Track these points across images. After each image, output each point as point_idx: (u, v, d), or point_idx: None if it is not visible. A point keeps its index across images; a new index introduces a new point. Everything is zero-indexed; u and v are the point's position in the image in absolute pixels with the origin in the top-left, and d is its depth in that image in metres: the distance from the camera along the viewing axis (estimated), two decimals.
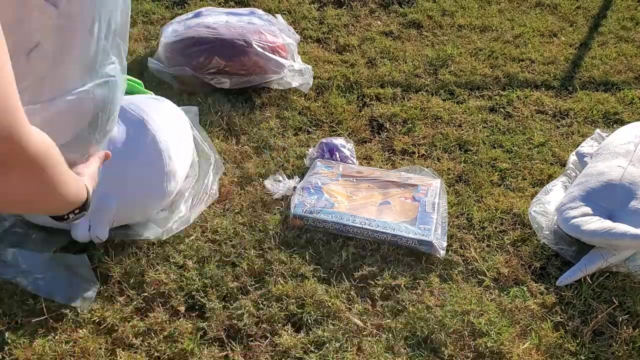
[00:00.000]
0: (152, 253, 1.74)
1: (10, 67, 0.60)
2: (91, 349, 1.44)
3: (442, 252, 1.74)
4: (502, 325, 1.54)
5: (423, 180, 2.00)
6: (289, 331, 1.52)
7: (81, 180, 0.95)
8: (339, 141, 2.17)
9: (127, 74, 2.04)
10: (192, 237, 1.80)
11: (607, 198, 1.74)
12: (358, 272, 1.70)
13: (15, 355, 1.43)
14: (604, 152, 1.93)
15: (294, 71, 2.56)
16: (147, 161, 1.73)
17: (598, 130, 2.26)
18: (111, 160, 1.68)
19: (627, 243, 1.59)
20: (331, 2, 3.48)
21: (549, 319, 1.57)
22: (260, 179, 2.05)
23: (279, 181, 2.01)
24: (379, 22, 3.28)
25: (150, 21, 3.23)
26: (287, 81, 2.52)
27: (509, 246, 1.81)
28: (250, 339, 1.51)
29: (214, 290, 1.63)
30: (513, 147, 2.27)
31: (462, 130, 2.37)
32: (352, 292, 1.64)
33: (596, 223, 1.66)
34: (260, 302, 1.60)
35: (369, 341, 1.49)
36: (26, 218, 1.74)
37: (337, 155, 2.13)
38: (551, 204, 1.87)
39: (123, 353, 1.45)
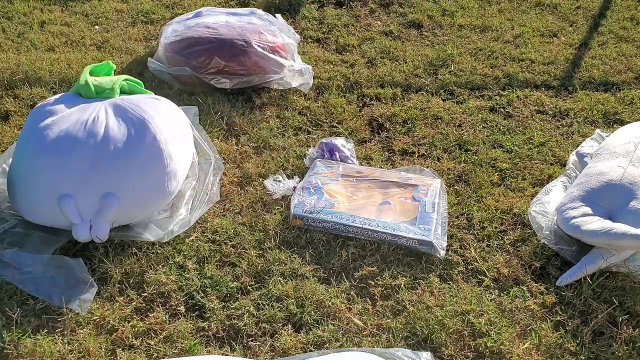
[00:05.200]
0: (152, 253, 1.74)
1: None
2: (91, 349, 1.44)
3: (442, 252, 1.74)
4: (502, 325, 1.54)
5: (423, 180, 2.00)
6: (289, 331, 1.52)
7: None
8: (339, 141, 2.17)
9: (127, 74, 2.04)
10: (192, 238, 1.80)
11: (607, 198, 1.74)
12: (358, 272, 1.70)
13: (15, 355, 1.43)
14: (604, 152, 1.93)
15: (294, 71, 2.56)
16: (148, 161, 1.73)
17: (598, 130, 2.25)
18: (112, 160, 1.69)
19: (627, 243, 1.59)
20: (331, 2, 3.48)
21: (549, 319, 1.57)
22: (260, 179, 2.05)
23: (279, 181, 2.01)
24: (379, 22, 3.28)
25: (150, 21, 3.23)
26: (287, 81, 2.53)
27: (509, 246, 1.81)
28: (250, 339, 1.51)
29: (213, 290, 1.63)
30: (513, 147, 2.27)
31: (462, 130, 2.37)
32: (352, 292, 1.64)
33: (596, 223, 1.66)
34: (260, 302, 1.60)
35: (369, 341, 1.50)
36: (26, 218, 1.74)
37: (337, 155, 2.13)
38: (551, 204, 1.87)
39: (123, 353, 1.45)
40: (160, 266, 1.69)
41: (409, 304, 1.59)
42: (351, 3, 3.46)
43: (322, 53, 2.93)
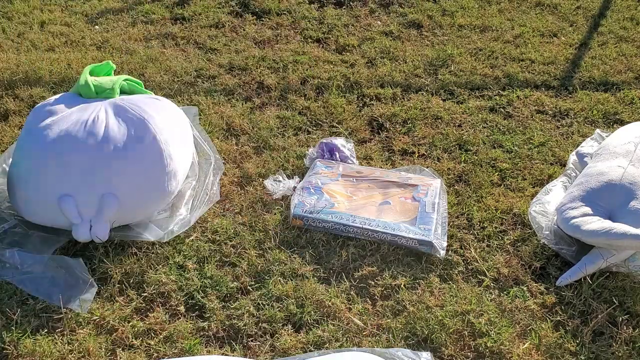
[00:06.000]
0: (152, 253, 1.74)
1: None
2: (91, 349, 1.44)
3: (442, 252, 1.74)
4: (502, 325, 1.54)
5: (423, 180, 2.00)
6: (289, 331, 1.52)
7: None
8: (339, 141, 2.17)
9: (128, 74, 2.04)
10: (192, 238, 1.80)
11: (607, 198, 1.74)
12: (358, 272, 1.70)
13: (15, 355, 1.43)
14: (604, 152, 1.93)
15: None
16: (148, 161, 1.73)
17: (598, 130, 2.25)
18: (112, 160, 1.69)
19: (627, 243, 1.59)
20: (331, 2, 3.48)
21: (549, 319, 1.57)
22: (260, 179, 2.05)
23: (279, 181, 2.01)
24: (379, 22, 3.28)
25: (150, 21, 3.23)
26: None
27: (509, 246, 1.81)
28: (250, 339, 1.51)
29: (214, 290, 1.63)
30: (513, 147, 2.27)
31: (462, 130, 2.37)
32: (352, 292, 1.64)
33: (596, 223, 1.66)
34: (260, 302, 1.60)
35: (369, 341, 1.50)
36: (26, 218, 1.75)
37: (337, 155, 2.13)
38: (551, 204, 1.87)
39: (123, 353, 1.45)
40: (160, 266, 1.70)
41: (409, 304, 1.59)
42: (351, 3, 3.46)
43: (322, 53, 2.93)
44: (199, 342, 1.49)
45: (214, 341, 1.50)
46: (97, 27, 3.15)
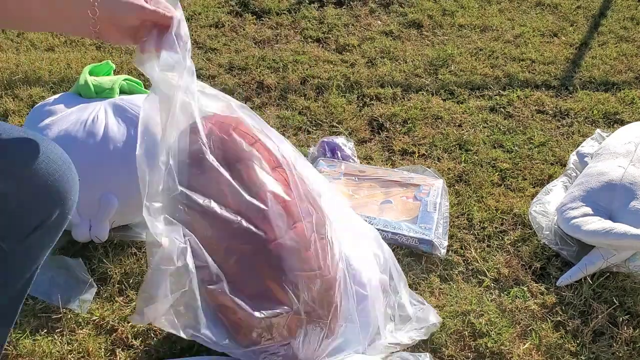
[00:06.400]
0: None
1: None
2: (91, 349, 1.44)
3: (443, 252, 1.74)
4: (502, 325, 1.54)
5: (425, 180, 2.00)
6: None
7: None
8: (340, 140, 2.17)
9: (128, 74, 2.04)
10: None
11: (608, 198, 1.73)
12: None
13: (14, 355, 1.43)
14: (605, 152, 1.93)
15: None
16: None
17: (598, 130, 2.25)
18: (112, 159, 1.69)
19: (628, 243, 1.59)
20: (331, 2, 3.48)
21: (549, 319, 1.57)
22: None
23: None
24: (379, 22, 3.28)
25: None
26: None
27: (509, 246, 1.81)
28: None
29: None
30: (513, 147, 2.27)
31: (462, 130, 2.37)
32: None
33: (596, 223, 1.66)
34: None
35: None
36: None
37: (339, 154, 2.13)
38: (551, 204, 1.87)
39: (123, 353, 1.45)
40: None
41: None
42: (351, 3, 3.46)
43: (322, 53, 2.93)
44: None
45: None
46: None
